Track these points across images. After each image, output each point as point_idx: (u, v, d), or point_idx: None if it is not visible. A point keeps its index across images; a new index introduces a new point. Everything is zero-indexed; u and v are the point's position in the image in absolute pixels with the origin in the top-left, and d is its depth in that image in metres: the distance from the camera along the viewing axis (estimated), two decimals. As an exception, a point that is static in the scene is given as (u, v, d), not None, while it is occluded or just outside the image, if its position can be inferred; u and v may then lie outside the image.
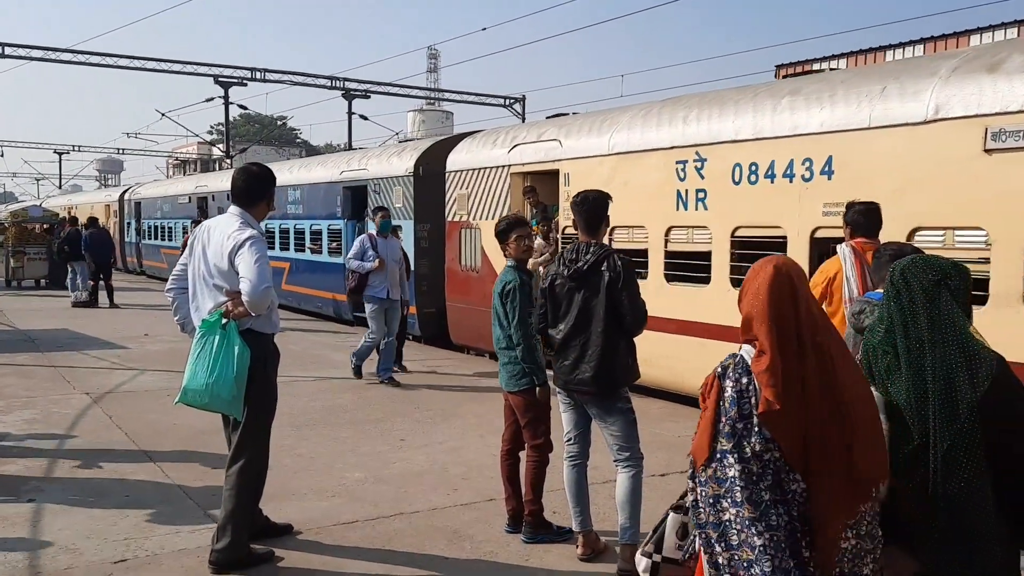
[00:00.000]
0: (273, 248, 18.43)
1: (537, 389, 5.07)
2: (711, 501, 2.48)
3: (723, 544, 2.47)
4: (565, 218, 10.27)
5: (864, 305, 4.05)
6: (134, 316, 16.95)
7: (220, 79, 32.27)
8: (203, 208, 23.87)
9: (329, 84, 34.22)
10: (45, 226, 24.94)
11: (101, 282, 18.81)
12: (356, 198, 15.95)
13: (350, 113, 35.81)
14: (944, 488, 2.31)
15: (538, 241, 10.30)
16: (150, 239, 29.42)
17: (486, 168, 12.11)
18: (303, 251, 17.97)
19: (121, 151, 68.67)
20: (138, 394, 9.31)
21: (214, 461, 6.42)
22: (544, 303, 4.91)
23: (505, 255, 5.38)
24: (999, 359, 2.38)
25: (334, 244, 16.51)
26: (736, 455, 2.44)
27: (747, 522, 2.41)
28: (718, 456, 2.47)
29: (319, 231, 17.22)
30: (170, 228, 26.90)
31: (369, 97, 35.72)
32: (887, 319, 2.48)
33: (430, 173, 13.73)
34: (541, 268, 9.92)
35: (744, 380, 2.48)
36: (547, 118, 12.53)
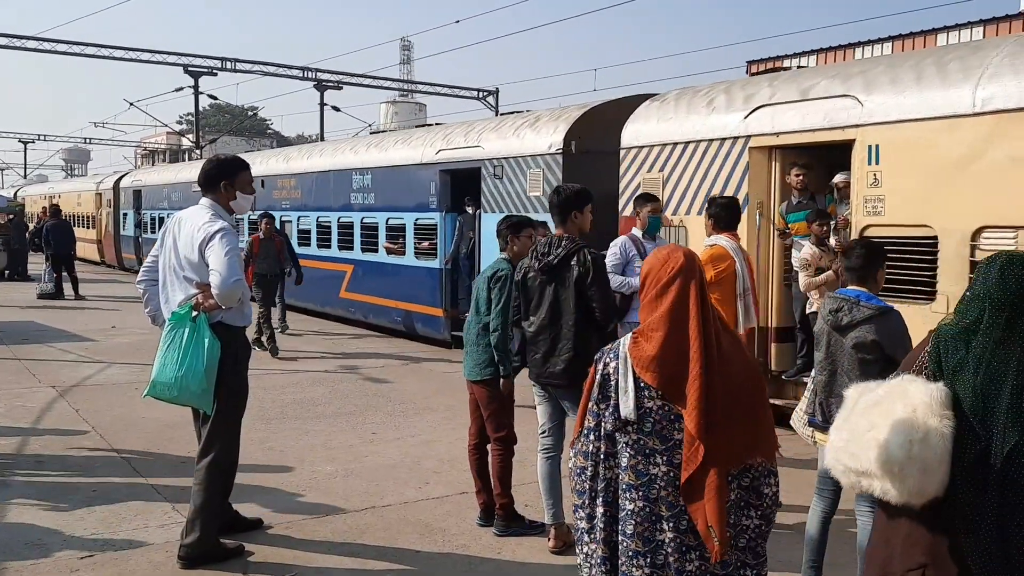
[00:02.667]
0: (329, 247, 15.45)
1: (501, 380, 5.10)
2: (578, 472, 2.70)
3: (579, 513, 2.70)
4: (869, 212, 6.98)
5: (842, 303, 4.10)
6: (101, 308, 16.72)
7: (190, 68, 31.94)
8: None
9: (301, 75, 34.00)
10: (10, 216, 24.49)
11: (65, 273, 18.54)
12: (459, 184, 12.32)
13: (322, 104, 35.57)
14: (1000, 488, 2.29)
15: (806, 249, 7.21)
16: (154, 232, 23.56)
17: (700, 141, 8.49)
18: (374, 251, 14.11)
19: (88, 140, 67.60)
20: (105, 387, 9.19)
21: (183, 455, 6.36)
22: (518, 296, 4.94)
23: (504, 250, 5.38)
24: None
25: (425, 243, 12.80)
26: (596, 433, 2.66)
27: (591, 494, 2.66)
28: (585, 432, 2.70)
29: (400, 226, 13.37)
30: None
31: (341, 88, 35.61)
32: (973, 313, 2.44)
33: (586, 150, 10.33)
34: (814, 292, 7.11)
35: (612, 365, 2.65)
36: (753, 75, 8.85)
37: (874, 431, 2.43)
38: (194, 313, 4.52)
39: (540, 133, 10.87)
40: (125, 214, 27.60)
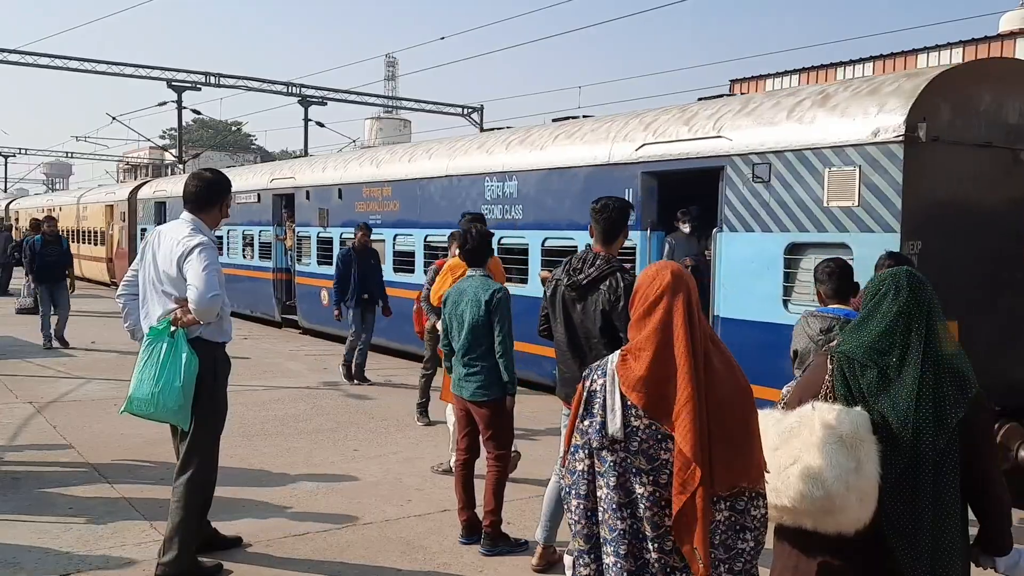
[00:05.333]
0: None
1: (507, 398, 5.11)
2: (567, 491, 2.67)
3: (572, 531, 2.66)
4: None
5: (832, 321, 4.13)
6: (81, 323, 16.54)
7: (173, 83, 31.79)
8: (289, 209, 16.26)
9: (285, 90, 33.96)
10: None
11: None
12: (670, 192, 8.92)
13: (306, 120, 35.49)
14: (935, 487, 2.33)
15: None
16: None
17: None
18: (519, 282, 10.40)
19: (70, 155, 67.21)
20: (84, 403, 9.09)
21: (162, 472, 6.29)
22: (545, 307, 4.76)
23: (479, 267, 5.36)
24: (976, 383, 2.42)
25: None
26: (584, 451, 2.61)
27: (586, 514, 2.60)
28: (572, 450, 2.65)
29: (566, 248, 9.39)
30: (242, 239, 18.26)
31: (326, 104, 35.53)
32: (877, 329, 2.46)
33: (935, 137, 6.50)
34: None
35: (600, 382, 2.62)
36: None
37: (798, 465, 2.42)
38: (172, 328, 4.50)
39: (847, 113, 7.02)
40: (144, 229, 23.85)
